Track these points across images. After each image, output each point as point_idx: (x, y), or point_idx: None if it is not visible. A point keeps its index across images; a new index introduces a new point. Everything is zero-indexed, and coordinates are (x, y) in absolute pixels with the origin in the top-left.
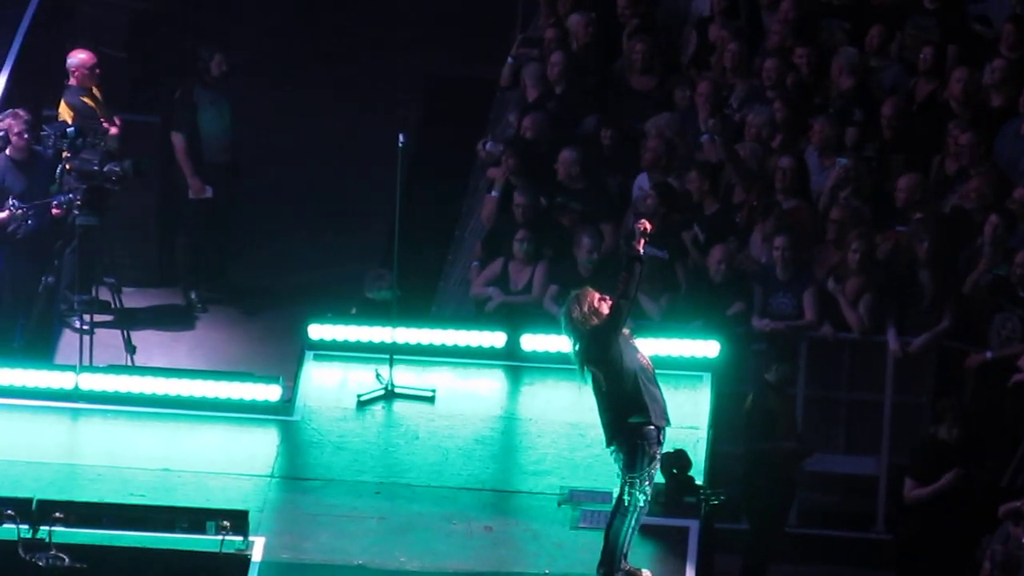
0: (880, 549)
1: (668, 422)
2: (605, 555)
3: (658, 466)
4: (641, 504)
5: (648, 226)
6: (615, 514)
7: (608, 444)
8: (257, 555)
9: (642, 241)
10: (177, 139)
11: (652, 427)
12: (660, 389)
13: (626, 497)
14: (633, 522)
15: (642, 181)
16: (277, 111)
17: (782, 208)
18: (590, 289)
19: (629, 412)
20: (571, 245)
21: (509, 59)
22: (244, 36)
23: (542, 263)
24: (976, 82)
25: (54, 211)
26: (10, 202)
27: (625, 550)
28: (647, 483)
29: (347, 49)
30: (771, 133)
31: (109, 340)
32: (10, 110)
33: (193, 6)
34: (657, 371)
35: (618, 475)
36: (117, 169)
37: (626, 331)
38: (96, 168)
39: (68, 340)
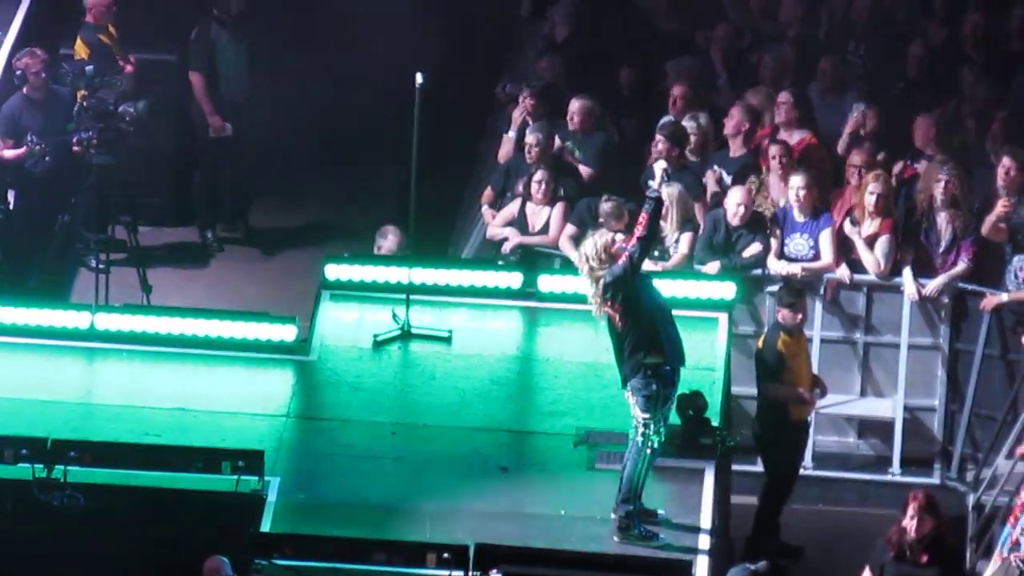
0: (896, 490)
1: (684, 362)
2: (620, 495)
3: (673, 407)
4: (655, 446)
5: (667, 166)
6: (630, 454)
7: (623, 385)
8: (272, 495)
9: (661, 181)
10: (196, 78)
11: (668, 367)
12: (676, 329)
13: (640, 439)
14: (647, 463)
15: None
16: (294, 47)
17: (787, 143)
18: (607, 231)
19: (645, 352)
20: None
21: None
22: None
23: (560, 203)
24: (993, 27)
25: (74, 148)
26: (28, 137)
27: (639, 490)
28: (662, 424)
29: None
30: (782, 75)
31: (125, 279)
32: (27, 48)
33: None
34: (673, 312)
35: (633, 416)
36: (131, 110)
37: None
38: (111, 108)
39: (84, 279)
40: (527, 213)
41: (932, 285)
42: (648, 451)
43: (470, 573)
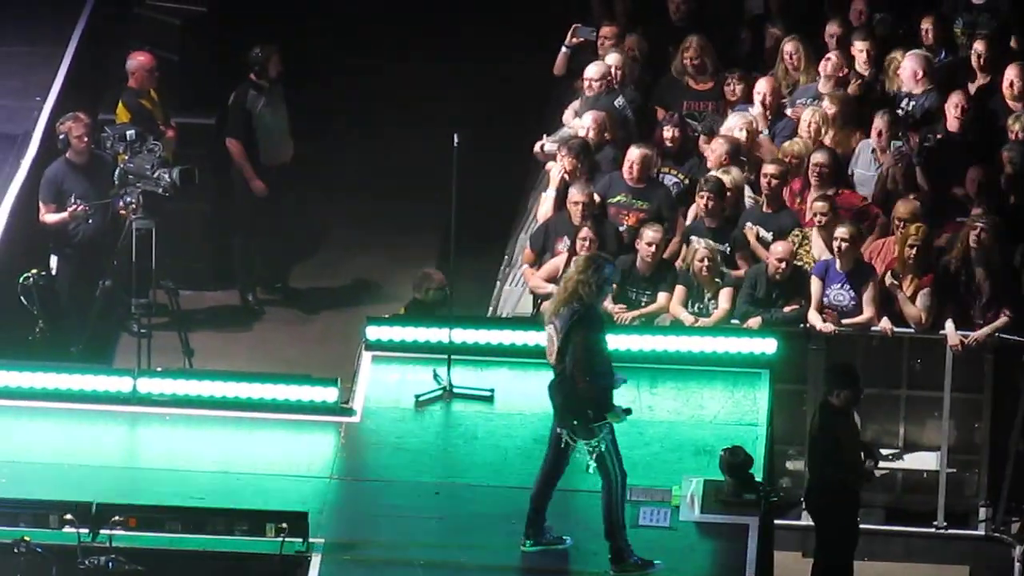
0: (941, 543)
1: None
2: (605, 529)
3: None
4: (616, 471)
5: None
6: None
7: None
8: (317, 557)
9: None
10: (233, 144)
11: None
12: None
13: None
14: (620, 490)
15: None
16: (331, 110)
17: (831, 196)
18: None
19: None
20: (625, 245)
21: (564, 48)
22: (298, 36)
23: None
24: None
25: (120, 212)
26: (72, 200)
27: (621, 519)
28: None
29: (400, 47)
30: (823, 128)
31: (167, 343)
32: (71, 113)
33: (248, 8)
34: (715, 368)
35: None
36: (167, 177)
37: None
38: (148, 173)
39: (126, 344)
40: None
41: (974, 336)
42: (614, 477)
43: None
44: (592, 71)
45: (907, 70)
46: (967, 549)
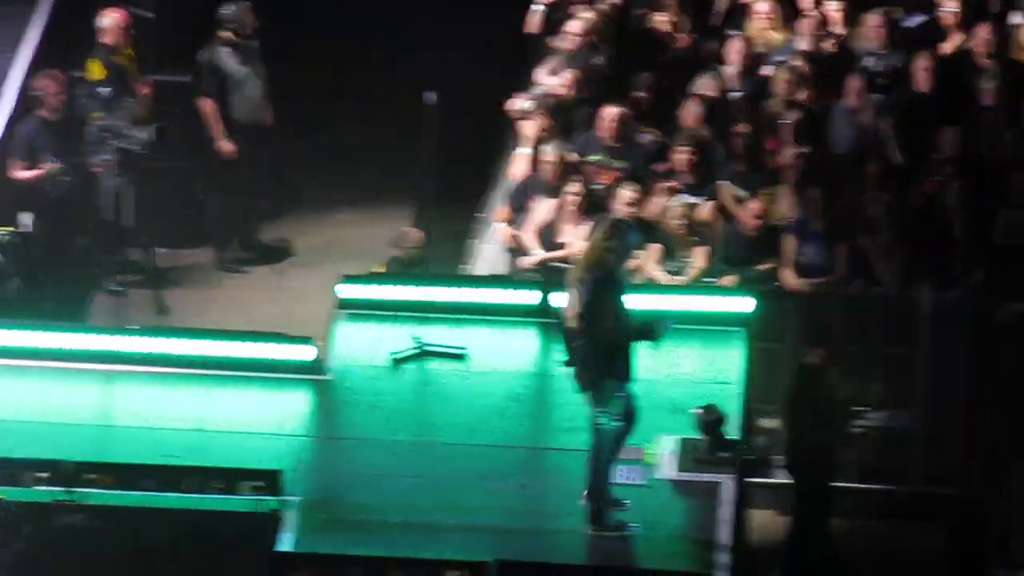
0: (917, 502)
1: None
2: (588, 486)
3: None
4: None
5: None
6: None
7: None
8: (291, 515)
9: None
10: (204, 103)
11: None
12: None
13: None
14: (611, 444)
15: None
16: (307, 67)
17: (802, 154)
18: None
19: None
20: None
21: (538, 4)
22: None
23: (593, 220)
24: (1004, 35)
25: (95, 170)
26: (48, 158)
27: (605, 480)
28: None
29: (375, 7)
30: (797, 88)
31: (142, 301)
32: (46, 71)
33: None
34: (691, 326)
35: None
36: (143, 136)
37: None
38: (124, 131)
39: (102, 301)
40: (555, 225)
41: (950, 296)
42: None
43: None
44: (574, 26)
45: (869, 29)
46: (942, 507)
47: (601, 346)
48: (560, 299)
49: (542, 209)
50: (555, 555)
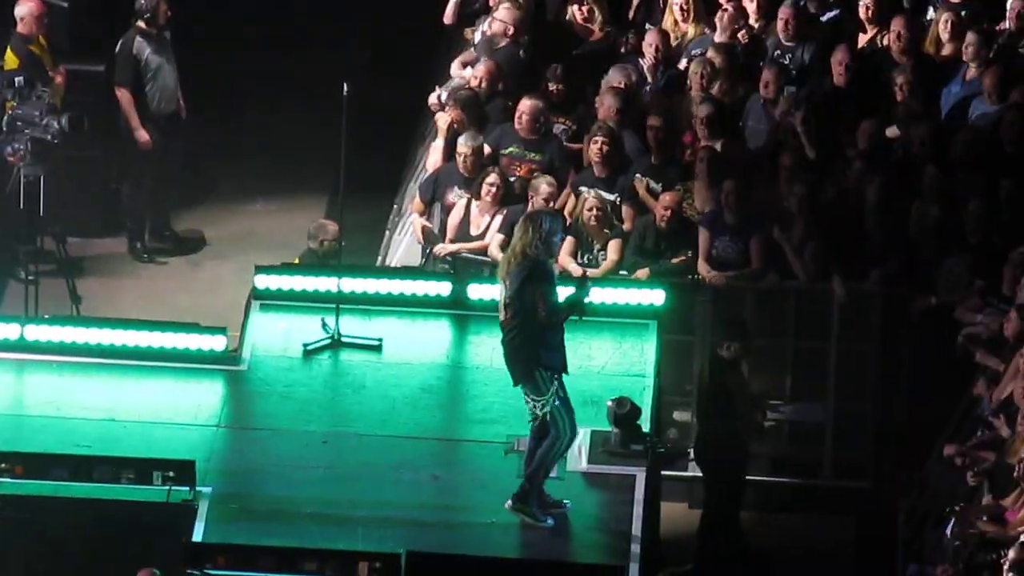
0: (827, 494)
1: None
2: (529, 470)
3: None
4: (566, 428)
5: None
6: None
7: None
8: (204, 505)
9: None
10: (121, 93)
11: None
12: None
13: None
14: (563, 447)
15: None
16: (218, 58)
17: (715, 148)
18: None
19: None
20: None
21: None
22: None
23: (505, 210)
24: (917, 30)
25: (9, 159)
26: None
27: (545, 473)
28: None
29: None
30: (711, 81)
31: (54, 290)
32: None
33: None
34: (604, 319)
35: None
36: (56, 125)
37: None
38: (37, 120)
39: (13, 290)
40: (472, 215)
41: (862, 289)
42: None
43: None
44: (504, 15)
45: (779, 22)
46: (853, 500)
47: (531, 337)
48: (475, 291)
49: (456, 201)
50: (466, 547)
